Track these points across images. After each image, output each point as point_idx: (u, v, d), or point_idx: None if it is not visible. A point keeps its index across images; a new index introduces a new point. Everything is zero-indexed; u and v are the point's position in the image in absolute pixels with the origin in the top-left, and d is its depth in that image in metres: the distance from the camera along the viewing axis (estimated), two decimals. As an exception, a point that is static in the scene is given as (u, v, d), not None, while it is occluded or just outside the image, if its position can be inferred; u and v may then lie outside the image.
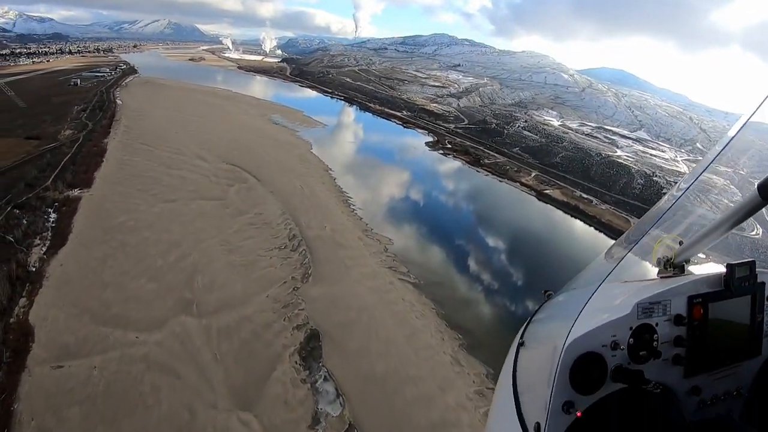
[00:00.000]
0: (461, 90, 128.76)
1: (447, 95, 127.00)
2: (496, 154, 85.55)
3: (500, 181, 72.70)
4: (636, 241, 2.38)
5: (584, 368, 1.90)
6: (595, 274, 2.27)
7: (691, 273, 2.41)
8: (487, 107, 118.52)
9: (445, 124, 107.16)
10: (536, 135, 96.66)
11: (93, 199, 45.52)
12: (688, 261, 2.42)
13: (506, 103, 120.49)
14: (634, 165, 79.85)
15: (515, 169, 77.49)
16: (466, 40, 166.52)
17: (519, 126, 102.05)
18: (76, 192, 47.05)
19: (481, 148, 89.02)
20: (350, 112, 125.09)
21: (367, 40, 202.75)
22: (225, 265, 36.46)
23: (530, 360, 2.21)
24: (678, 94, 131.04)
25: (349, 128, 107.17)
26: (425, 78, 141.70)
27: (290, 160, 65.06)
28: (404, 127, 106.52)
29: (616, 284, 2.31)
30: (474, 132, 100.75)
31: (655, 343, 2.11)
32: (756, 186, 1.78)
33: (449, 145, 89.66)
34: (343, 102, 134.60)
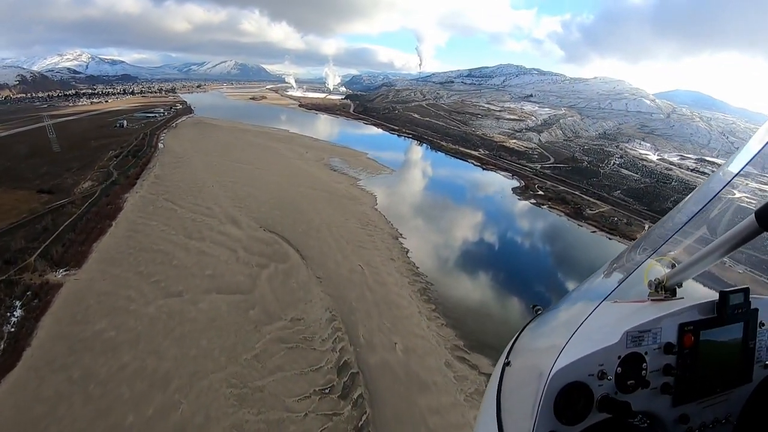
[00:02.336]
0: (540, 123, 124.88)
1: (525, 129, 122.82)
2: (597, 201, 76.80)
3: (610, 238, 59.22)
4: (629, 264, 2.38)
5: (569, 398, 1.95)
6: (585, 294, 2.32)
7: (682, 297, 2.48)
8: (572, 141, 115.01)
9: (529, 164, 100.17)
10: (637, 173, 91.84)
11: (76, 288, 36.20)
12: (680, 285, 2.49)
13: (591, 135, 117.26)
14: (762, 210, 66.61)
15: (624, 220, 66.51)
16: (535, 69, 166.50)
17: (615, 163, 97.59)
18: (59, 274, 38.33)
19: (577, 193, 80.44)
20: (420, 153, 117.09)
21: (432, 74, 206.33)
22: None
23: (515, 383, 2.23)
24: (757, 113, 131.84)
25: (421, 173, 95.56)
26: (499, 111, 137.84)
27: (349, 222, 53.46)
28: (483, 168, 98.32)
29: (605, 305, 2.28)
30: (564, 173, 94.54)
31: (644, 372, 2.17)
32: (753, 212, 1.86)
33: (540, 192, 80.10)
34: (411, 140, 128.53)
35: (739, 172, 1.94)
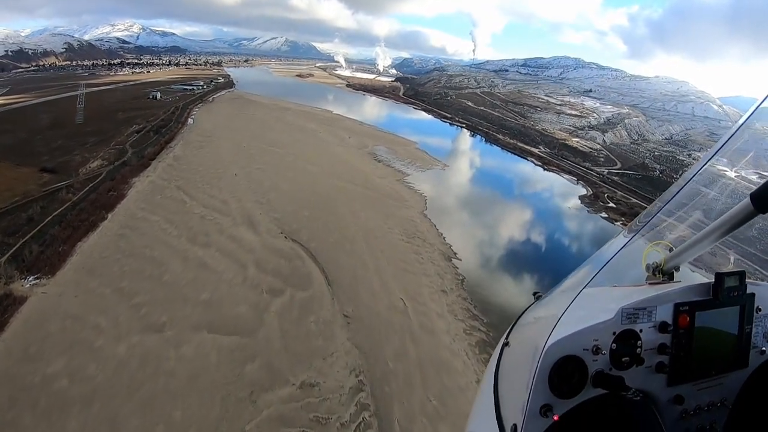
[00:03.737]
0: (602, 121, 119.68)
1: (588, 127, 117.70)
2: (675, 222, 62.34)
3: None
4: (624, 246, 2.42)
5: (564, 372, 1.98)
6: (583, 277, 2.34)
7: (679, 281, 2.55)
8: (639, 145, 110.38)
9: (595, 168, 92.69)
10: (714, 190, 75.28)
11: (41, 307, 28.84)
12: (677, 268, 2.57)
13: (658, 139, 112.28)
14: None
15: (709, 249, 51.87)
16: (593, 63, 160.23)
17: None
18: (27, 284, 31.25)
19: (651, 207, 70.66)
20: (474, 146, 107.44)
21: (486, 61, 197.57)
22: None
23: (512, 361, 2.29)
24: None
25: (477, 171, 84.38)
26: (559, 105, 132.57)
27: (392, 232, 43.93)
28: (544, 169, 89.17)
29: (603, 288, 2.44)
30: (634, 181, 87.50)
31: (639, 349, 2.20)
32: (749, 195, 1.90)
33: (611, 203, 71.14)
34: (464, 130, 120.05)
35: (721, 147, 1.96)
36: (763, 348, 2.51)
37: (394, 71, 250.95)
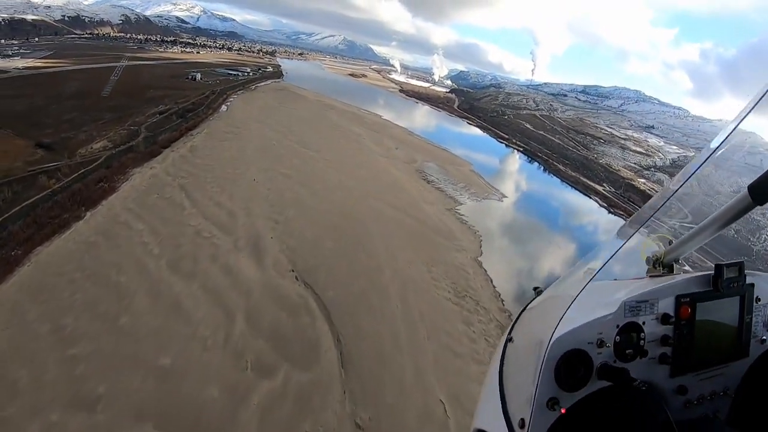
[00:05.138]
0: (668, 163, 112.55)
1: (654, 167, 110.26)
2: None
3: None
4: (625, 240, 2.42)
5: (569, 365, 2.02)
6: (585, 272, 2.39)
7: (680, 273, 2.66)
8: (711, 198, 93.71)
9: (664, 219, 77.48)
10: None
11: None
12: (677, 261, 2.69)
13: (727, 192, 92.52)
14: None
15: None
16: (654, 97, 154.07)
17: (774, 245, 77.84)
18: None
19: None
20: (533, 175, 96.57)
21: (544, 83, 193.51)
22: None
23: (517, 355, 2.31)
24: None
25: (537, 206, 72.52)
26: (623, 139, 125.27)
27: (437, 285, 33.90)
28: (609, 211, 78.86)
29: (605, 282, 2.51)
30: (709, 240, 71.87)
31: (642, 341, 2.27)
32: (747, 187, 2.00)
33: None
34: (521, 155, 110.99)
35: (722, 141, 1.99)
36: (764, 337, 2.57)
37: (449, 82, 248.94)
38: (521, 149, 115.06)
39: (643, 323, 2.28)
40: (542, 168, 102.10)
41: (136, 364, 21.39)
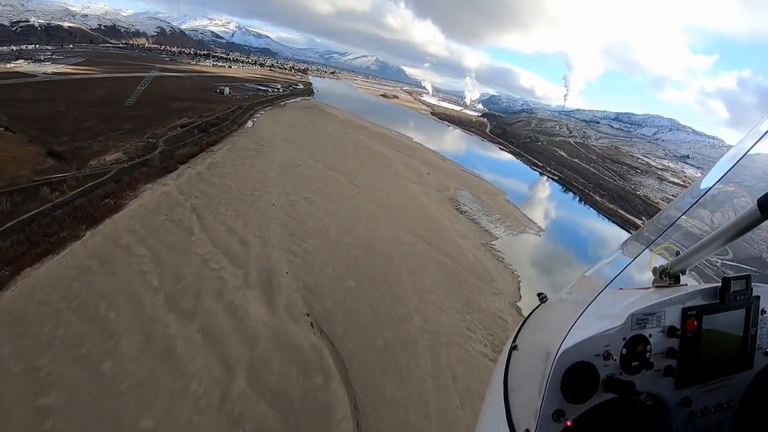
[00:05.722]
0: (707, 197, 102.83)
1: None
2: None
3: None
4: (635, 251, 2.54)
5: (576, 377, 2.06)
6: (591, 281, 2.44)
7: (686, 284, 2.68)
8: (754, 233, 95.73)
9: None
10: None
11: None
12: (684, 272, 2.70)
13: None
14: None
15: None
16: (688, 126, 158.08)
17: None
18: None
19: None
20: (569, 206, 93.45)
21: (576, 110, 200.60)
22: None
23: (522, 365, 2.33)
24: None
25: (577, 243, 68.01)
26: (660, 170, 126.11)
27: (472, 339, 29.91)
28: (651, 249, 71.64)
29: (610, 291, 2.45)
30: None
31: (648, 354, 2.31)
32: (756, 201, 2.04)
33: None
34: (556, 184, 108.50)
35: (743, 156, 1.99)
36: None
37: (480, 106, 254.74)
38: (556, 178, 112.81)
39: (650, 336, 2.30)
40: (578, 199, 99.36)
41: (113, 425, 18.29)
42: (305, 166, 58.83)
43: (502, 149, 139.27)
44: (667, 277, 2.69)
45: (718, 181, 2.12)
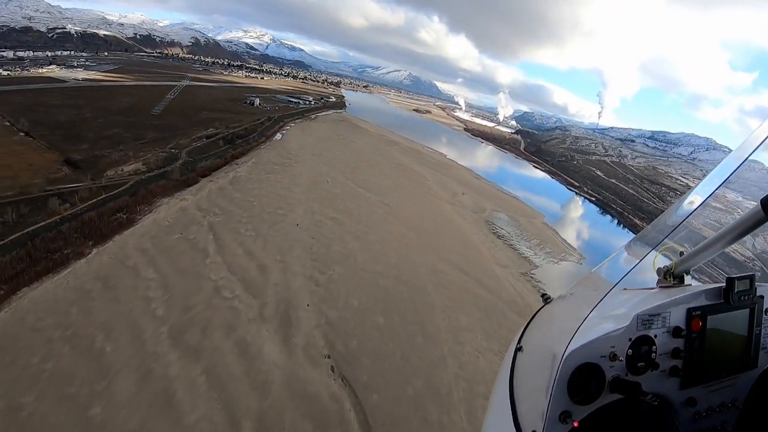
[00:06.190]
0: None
1: None
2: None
3: None
4: (639, 251, 2.56)
5: (582, 379, 2.09)
6: (595, 282, 2.50)
7: (690, 284, 2.72)
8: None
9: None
10: None
11: None
12: (688, 272, 2.74)
13: None
14: None
15: None
16: (725, 146, 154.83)
17: None
18: None
19: None
20: (609, 230, 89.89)
21: (610, 127, 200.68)
22: None
23: (528, 366, 2.36)
24: None
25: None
26: None
27: None
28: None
29: (616, 292, 2.48)
30: None
31: (654, 354, 2.34)
32: (759, 201, 2.07)
33: None
34: (591, 205, 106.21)
35: (747, 158, 2.04)
36: None
37: (513, 123, 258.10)
38: (593, 199, 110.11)
39: (655, 336, 2.32)
40: (617, 221, 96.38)
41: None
42: (334, 183, 56.72)
43: (536, 167, 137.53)
44: (672, 277, 2.68)
45: (722, 183, 2.11)
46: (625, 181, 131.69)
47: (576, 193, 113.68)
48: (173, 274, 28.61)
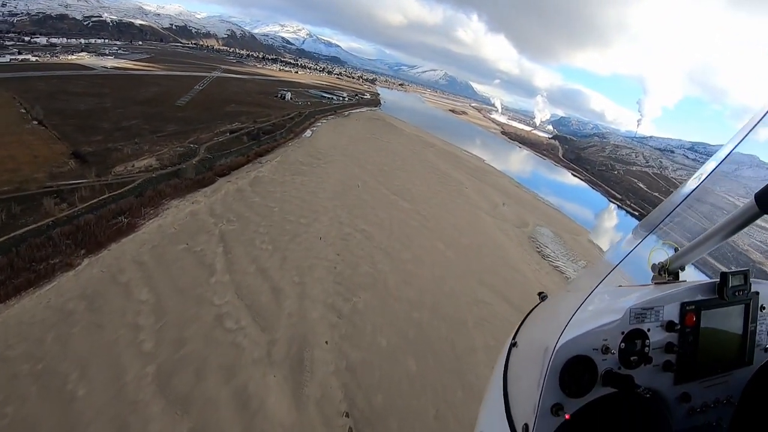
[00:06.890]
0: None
1: None
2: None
3: None
4: (631, 249, 2.54)
5: (574, 371, 2.09)
6: (590, 279, 2.44)
7: (685, 281, 2.71)
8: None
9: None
10: None
11: None
12: (682, 268, 2.75)
13: None
14: None
15: None
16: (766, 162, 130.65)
17: None
18: None
19: None
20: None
21: (649, 137, 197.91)
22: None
23: (521, 361, 2.39)
24: None
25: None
26: None
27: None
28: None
29: (610, 288, 2.56)
30: None
31: (647, 348, 2.34)
32: (753, 196, 2.10)
33: None
34: (634, 220, 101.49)
35: (735, 148, 2.09)
36: (767, 345, 2.69)
37: (550, 127, 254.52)
38: (637, 213, 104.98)
39: (648, 330, 2.34)
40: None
41: None
42: (364, 188, 52.47)
43: (575, 176, 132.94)
44: (666, 273, 2.72)
45: (708, 176, 2.17)
46: (668, 195, 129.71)
47: (617, 206, 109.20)
48: (170, 295, 24.73)
